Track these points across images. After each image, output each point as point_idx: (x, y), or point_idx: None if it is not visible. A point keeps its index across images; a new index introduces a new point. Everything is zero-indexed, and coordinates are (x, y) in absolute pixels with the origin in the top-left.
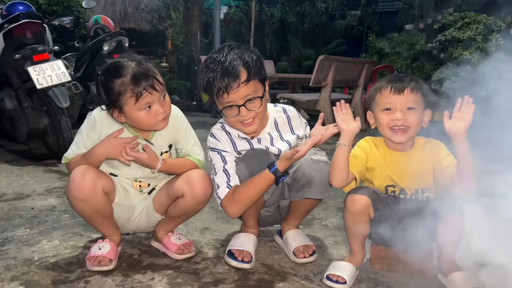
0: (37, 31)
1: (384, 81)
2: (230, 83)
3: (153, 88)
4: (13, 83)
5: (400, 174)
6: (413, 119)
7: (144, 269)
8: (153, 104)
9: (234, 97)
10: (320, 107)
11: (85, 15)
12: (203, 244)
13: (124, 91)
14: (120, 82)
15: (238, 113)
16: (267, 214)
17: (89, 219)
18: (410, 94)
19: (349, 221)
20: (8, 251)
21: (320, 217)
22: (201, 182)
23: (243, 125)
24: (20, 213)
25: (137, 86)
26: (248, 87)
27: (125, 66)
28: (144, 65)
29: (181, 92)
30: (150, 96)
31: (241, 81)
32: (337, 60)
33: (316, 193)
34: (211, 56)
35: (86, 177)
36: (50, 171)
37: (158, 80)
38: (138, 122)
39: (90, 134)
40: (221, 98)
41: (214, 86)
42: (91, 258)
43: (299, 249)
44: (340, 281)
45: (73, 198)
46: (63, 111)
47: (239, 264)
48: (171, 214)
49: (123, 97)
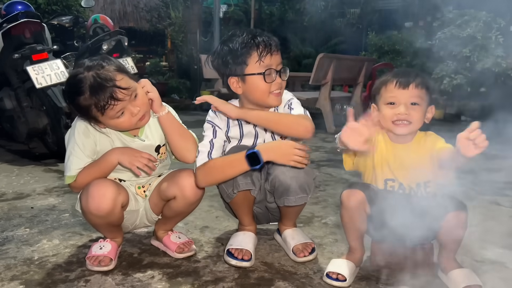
0: (36, 31)
1: (390, 74)
2: (272, 44)
3: (114, 98)
4: (12, 82)
5: (399, 167)
6: (416, 114)
7: (144, 268)
8: (125, 109)
9: (273, 61)
10: (320, 105)
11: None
12: (203, 242)
13: (89, 105)
14: (82, 99)
15: (275, 78)
16: (258, 211)
17: (98, 228)
18: (415, 89)
19: (346, 217)
20: (8, 251)
21: (320, 215)
22: (190, 184)
23: (274, 95)
24: (20, 212)
25: (98, 100)
26: (280, 55)
27: (82, 80)
28: (101, 74)
29: (181, 91)
30: (117, 105)
31: (278, 47)
32: (336, 58)
33: (294, 200)
34: (234, 32)
35: (107, 195)
36: (50, 170)
37: (120, 86)
38: (118, 128)
39: (85, 142)
40: (262, 60)
41: (258, 47)
42: (91, 258)
43: (299, 247)
44: (340, 278)
45: (90, 214)
46: (62, 111)
47: (239, 263)
48: (166, 215)
49: (91, 111)
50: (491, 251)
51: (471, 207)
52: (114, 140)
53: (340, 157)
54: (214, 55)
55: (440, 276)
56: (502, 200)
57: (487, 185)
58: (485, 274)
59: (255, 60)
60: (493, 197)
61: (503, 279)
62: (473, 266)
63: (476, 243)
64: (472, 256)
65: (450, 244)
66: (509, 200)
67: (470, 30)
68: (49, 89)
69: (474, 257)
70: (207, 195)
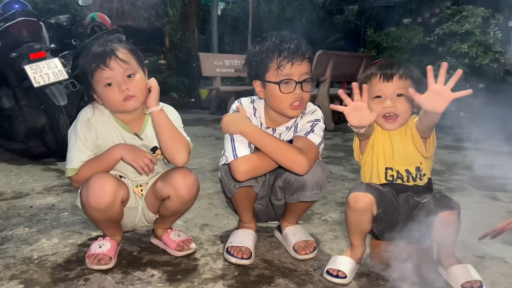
0: (33, 29)
1: (374, 68)
2: (297, 53)
3: (104, 63)
4: (10, 81)
5: (392, 153)
6: (402, 106)
7: (143, 266)
8: (113, 81)
9: (295, 71)
10: (319, 102)
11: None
12: (202, 240)
13: (87, 68)
14: (84, 61)
15: (293, 90)
16: (260, 208)
17: (98, 223)
18: (399, 81)
19: (352, 219)
20: (7, 250)
21: (320, 212)
22: (184, 182)
23: (291, 107)
24: (19, 211)
25: (92, 62)
26: (308, 65)
27: (91, 47)
28: (107, 44)
29: (179, 89)
30: (106, 71)
31: (305, 56)
32: (335, 55)
33: (310, 196)
34: (269, 34)
35: (107, 188)
36: (49, 169)
37: (117, 55)
38: (105, 101)
39: (87, 136)
40: (282, 69)
41: (281, 53)
42: (91, 256)
43: (300, 245)
44: (340, 275)
45: (90, 207)
46: (61, 109)
47: (239, 261)
48: (162, 214)
49: (88, 75)
50: (491, 247)
51: (470, 203)
52: (113, 134)
53: (340, 154)
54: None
55: (440, 272)
56: (502, 195)
57: (486, 180)
58: (485, 269)
59: (274, 67)
60: (492, 193)
61: (503, 274)
62: (473, 261)
63: (476, 239)
64: (472, 251)
65: (446, 242)
66: (509, 195)
67: (469, 26)
68: (47, 87)
69: (474, 252)
70: (206, 193)
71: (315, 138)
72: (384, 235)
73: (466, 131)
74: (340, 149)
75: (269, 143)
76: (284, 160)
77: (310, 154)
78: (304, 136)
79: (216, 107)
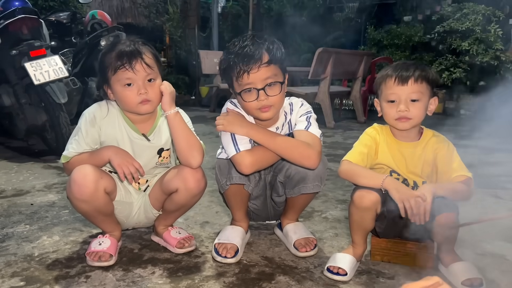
0: (33, 27)
1: (390, 69)
2: (251, 63)
3: (130, 64)
4: (10, 79)
5: (403, 165)
6: (416, 111)
7: (144, 264)
8: (134, 82)
9: (254, 78)
10: (319, 100)
11: (82, 10)
12: (203, 238)
13: (110, 64)
14: (108, 56)
15: (257, 97)
16: (255, 207)
17: (90, 218)
18: (414, 84)
19: (356, 216)
20: (8, 247)
21: (320, 210)
22: (193, 175)
23: (261, 111)
24: (20, 209)
25: (117, 60)
26: (269, 69)
27: (119, 43)
28: (136, 45)
29: (180, 87)
30: (129, 72)
31: (262, 62)
32: (335, 53)
33: (312, 187)
34: (233, 43)
35: (88, 178)
36: (49, 167)
37: (144, 59)
38: (121, 100)
39: (89, 131)
40: (241, 79)
41: (236, 66)
42: (91, 254)
43: (301, 242)
44: (341, 273)
45: (75, 198)
46: (61, 107)
47: (223, 260)
48: (168, 209)
49: (108, 70)
50: (491, 244)
51: (471, 200)
52: (119, 132)
53: (340, 152)
54: None
55: (441, 269)
56: (502, 193)
57: (487, 178)
58: (486, 267)
59: (234, 79)
60: (493, 190)
61: (503, 271)
62: (473, 259)
63: (476, 236)
64: (473, 249)
65: (445, 242)
66: (509, 193)
67: (469, 24)
68: (47, 85)
69: (474, 250)
70: (207, 191)
71: (316, 131)
72: (386, 234)
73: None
74: (341, 146)
75: (279, 142)
76: (296, 157)
77: (317, 147)
78: (305, 130)
79: (216, 105)
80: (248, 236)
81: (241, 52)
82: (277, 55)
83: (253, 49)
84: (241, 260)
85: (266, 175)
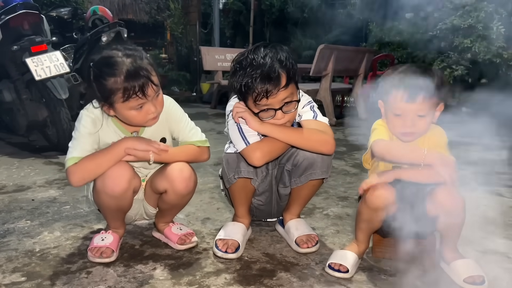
0: (34, 22)
1: (398, 79)
2: (271, 88)
3: (144, 91)
4: (11, 75)
5: None
6: (423, 125)
7: (145, 260)
8: (145, 104)
9: (273, 101)
10: (321, 97)
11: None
12: (204, 234)
13: (116, 89)
14: (113, 80)
15: (273, 115)
16: (258, 203)
17: (108, 212)
18: (422, 102)
19: (365, 215)
20: (9, 243)
21: (322, 207)
22: (179, 176)
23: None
24: (21, 205)
25: (129, 88)
26: (286, 91)
27: (119, 63)
28: (139, 64)
29: (181, 83)
30: (142, 99)
31: (281, 86)
32: (337, 50)
33: (320, 173)
34: (246, 57)
35: (125, 176)
36: (50, 163)
37: (153, 81)
38: (128, 120)
39: (92, 132)
40: (259, 102)
41: (254, 90)
42: (93, 249)
43: (302, 239)
44: (342, 270)
45: (104, 193)
46: (62, 103)
47: (224, 255)
48: (161, 208)
49: (114, 96)
50: (494, 242)
51: (473, 198)
52: (113, 136)
53: (341, 149)
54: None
55: (443, 266)
56: (504, 191)
57: (489, 176)
58: (488, 264)
59: (251, 100)
60: (495, 188)
61: (505, 269)
62: (475, 256)
63: (479, 234)
64: (475, 246)
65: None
66: (511, 191)
67: (472, 21)
68: (48, 81)
69: (476, 247)
70: (208, 187)
71: (323, 119)
72: (389, 234)
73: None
74: (342, 143)
75: (296, 133)
76: (315, 144)
77: (330, 133)
78: (314, 119)
79: (218, 101)
80: (250, 233)
81: (257, 73)
82: (293, 73)
83: (271, 71)
84: (242, 257)
85: (273, 169)
